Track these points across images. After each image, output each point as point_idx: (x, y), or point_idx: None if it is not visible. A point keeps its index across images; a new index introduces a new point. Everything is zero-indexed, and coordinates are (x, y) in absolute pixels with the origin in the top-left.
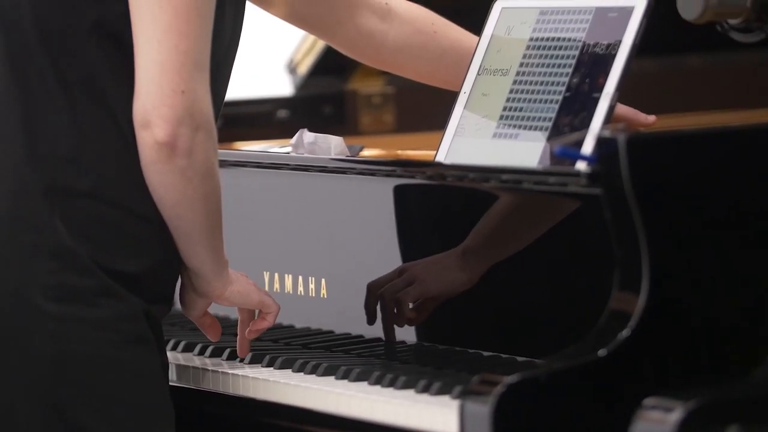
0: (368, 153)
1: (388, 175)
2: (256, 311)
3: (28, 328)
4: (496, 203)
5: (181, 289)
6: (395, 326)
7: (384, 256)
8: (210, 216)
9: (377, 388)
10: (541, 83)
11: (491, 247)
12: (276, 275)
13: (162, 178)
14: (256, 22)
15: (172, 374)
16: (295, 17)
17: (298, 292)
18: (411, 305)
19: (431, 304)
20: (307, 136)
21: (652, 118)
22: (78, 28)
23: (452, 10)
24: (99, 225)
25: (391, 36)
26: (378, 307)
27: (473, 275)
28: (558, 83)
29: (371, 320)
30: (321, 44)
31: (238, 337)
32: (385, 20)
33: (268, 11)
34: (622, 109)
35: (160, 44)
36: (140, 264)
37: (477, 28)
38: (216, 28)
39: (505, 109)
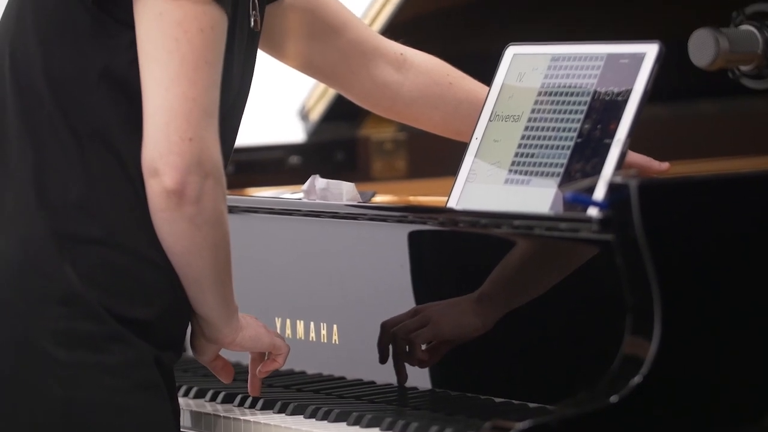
0: (380, 199)
1: (400, 221)
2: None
3: (37, 374)
4: (511, 250)
5: (191, 334)
6: (407, 370)
7: (396, 302)
8: (219, 264)
9: None
10: (553, 129)
11: (505, 293)
12: (288, 321)
13: (171, 225)
14: (268, 69)
15: (184, 420)
16: (308, 67)
17: (310, 338)
18: (423, 347)
19: (444, 347)
20: (319, 182)
21: (665, 165)
22: (87, 75)
23: (464, 57)
24: (109, 271)
25: (407, 87)
26: (390, 347)
27: (487, 321)
28: (570, 129)
29: (383, 359)
30: (333, 90)
31: (249, 376)
32: (400, 71)
33: (281, 60)
34: (635, 157)
35: (168, 91)
36: (150, 310)
37: (489, 74)
38: (225, 76)
39: (516, 155)
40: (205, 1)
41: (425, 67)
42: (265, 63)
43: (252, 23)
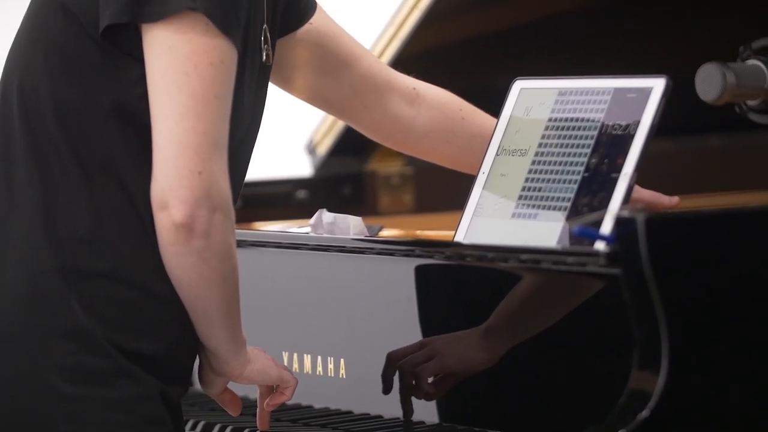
0: (387, 233)
1: (407, 255)
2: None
3: (44, 409)
4: (518, 284)
5: (199, 367)
6: (413, 404)
7: (403, 336)
8: (228, 297)
9: None
10: (560, 163)
11: (512, 327)
12: (295, 355)
13: (179, 259)
14: (275, 102)
15: None
16: (319, 100)
17: (317, 372)
18: (430, 380)
19: (450, 380)
20: (326, 216)
21: (675, 200)
22: (96, 108)
23: (471, 90)
24: (116, 306)
25: (419, 121)
26: (396, 379)
27: (494, 355)
28: (577, 163)
29: (387, 390)
30: (340, 125)
31: (257, 409)
32: (412, 105)
33: (291, 93)
34: (645, 193)
35: (178, 125)
36: (157, 345)
37: (496, 108)
38: (235, 109)
39: (523, 189)
40: (215, 35)
41: (438, 101)
42: (273, 97)
43: (264, 57)
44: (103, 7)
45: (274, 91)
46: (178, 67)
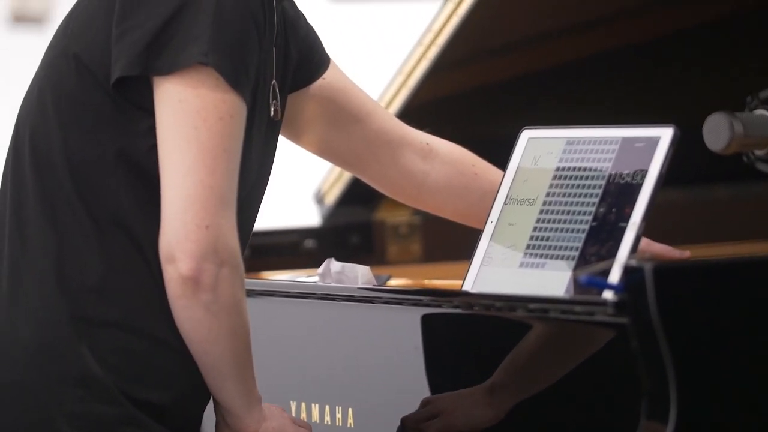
0: (395, 282)
1: (415, 304)
2: None
3: None
4: (525, 334)
5: (216, 424)
6: None
7: (411, 385)
8: (238, 352)
9: None
10: (568, 213)
11: (518, 381)
12: (303, 404)
13: (187, 312)
14: (284, 153)
15: None
16: (331, 154)
17: (325, 422)
18: None
19: None
20: (334, 265)
21: (687, 253)
22: (105, 160)
23: (479, 140)
24: (125, 354)
25: (433, 177)
26: None
27: (500, 412)
28: (585, 213)
29: None
30: (349, 174)
31: None
32: (426, 160)
33: (302, 147)
34: (656, 246)
35: (186, 179)
36: (166, 394)
37: (504, 157)
38: (243, 163)
39: (531, 238)
40: (225, 90)
41: (451, 157)
42: (282, 146)
43: (272, 112)
44: (116, 59)
45: (282, 141)
46: (188, 121)
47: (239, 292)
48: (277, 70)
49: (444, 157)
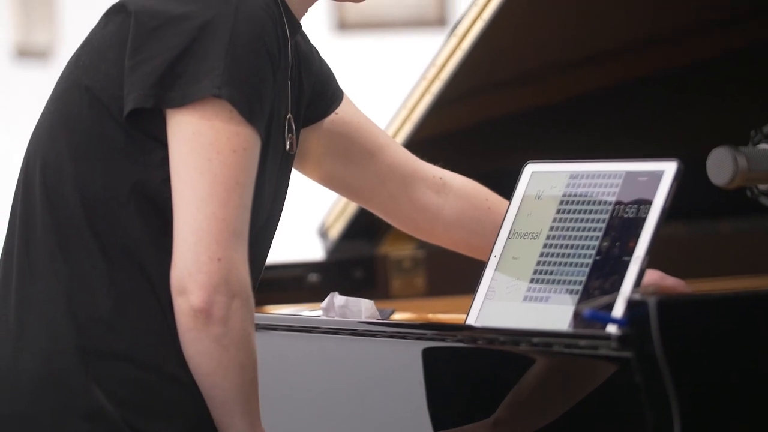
0: (399, 316)
1: (419, 338)
2: None
3: None
4: (527, 371)
5: None
6: None
7: (414, 420)
8: (245, 386)
9: None
10: (572, 246)
11: (522, 417)
12: None
13: (197, 345)
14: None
15: None
16: (344, 188)
17: None
18: None
19: None
20: (337, 299)
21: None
22: (117, 191)
23: (483, 173)
24: (133, 387)
25: (446, 211)
26: None
27: None
28: (588, 247)
29: None
30: (352, 208)
31: None
32: (439, 195)
33: (315, 180)
34: (669, 281)
35: (198, 211)
36: (173, 427)
37: (508, 191)
38: (256, 197)
39: (535, 272)
40: (238, 122)
41: (464, 191)
42: None
43: (288, 146)
44: (128, 91)
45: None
46: (201, 153)
47: (249, 325)
48: (292, 104)
49: (457, 191)
